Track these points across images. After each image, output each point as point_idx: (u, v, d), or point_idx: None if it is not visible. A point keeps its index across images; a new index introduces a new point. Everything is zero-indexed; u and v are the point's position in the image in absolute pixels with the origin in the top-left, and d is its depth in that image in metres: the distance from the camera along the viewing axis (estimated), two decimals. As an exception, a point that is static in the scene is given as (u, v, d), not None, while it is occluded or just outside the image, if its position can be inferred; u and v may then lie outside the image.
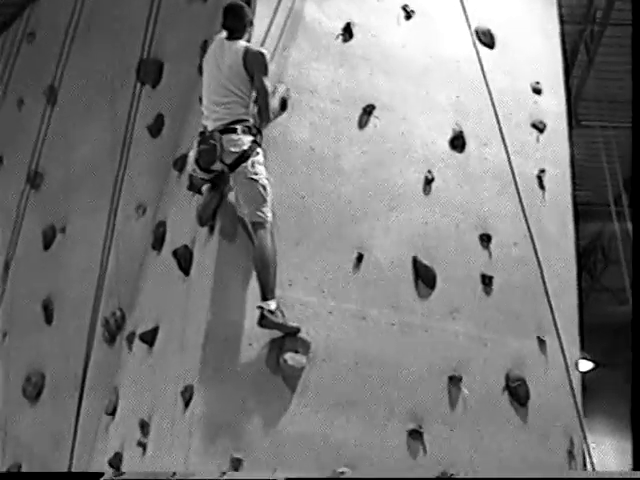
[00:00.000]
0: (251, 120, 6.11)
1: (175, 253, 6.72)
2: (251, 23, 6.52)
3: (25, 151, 9.97)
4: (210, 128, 6.07)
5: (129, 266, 7.54)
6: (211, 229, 6.27)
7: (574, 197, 8.16)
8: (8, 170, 10.75)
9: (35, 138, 9.85)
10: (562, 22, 9.05)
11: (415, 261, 6.80)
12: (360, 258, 6.54)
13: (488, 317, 7.01)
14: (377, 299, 6.53)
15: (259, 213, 5.91)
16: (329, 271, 6.40)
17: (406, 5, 7.65)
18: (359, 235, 6.63)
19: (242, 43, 6.23)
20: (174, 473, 5.48)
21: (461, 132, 7.43)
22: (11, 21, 13.00)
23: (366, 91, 7.11)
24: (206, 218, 6.25)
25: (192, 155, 6.21)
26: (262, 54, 6.19)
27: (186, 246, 6.64)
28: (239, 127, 5.99)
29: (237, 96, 6.09)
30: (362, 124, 6.98)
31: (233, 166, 5.96)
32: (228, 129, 5.98)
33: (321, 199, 6.56)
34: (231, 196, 6.23)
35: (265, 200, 5.94)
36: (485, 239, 7.23)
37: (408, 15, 7.64)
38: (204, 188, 6.25)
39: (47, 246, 8.99)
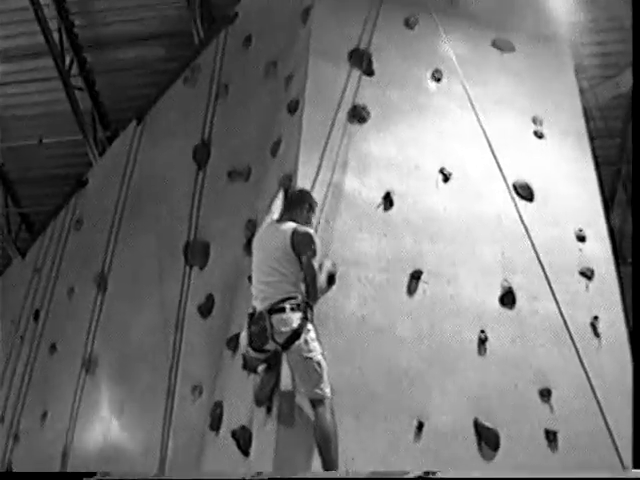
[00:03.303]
0: (300, 297, 6.06)
1: (234, 434, 6.65)
2: (312, 209, 6.61)
3: (78, 338, 10.07)
4: (259, 308, 6.05)
5: (188, 448, 7.47)
6: (268, 410, 6.22)
7: (631, 338, 8.04)
8: (62, 357, 10.84)
9: (88, 324, 9.97)
10: (597, 165, 9.11)
11: (476, 423, 6.70)
12: (420, 426, 6.44)
13: (555, 474, 6.82)
14: (440, 466, 6.36)
15: (317, 390, 5.84)
16: (390, 442, 6.31)
17: (443, 168, 7.82)
18: (418, 402, 6.55)
19: (291, 224, 6.30)
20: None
21: (510, 288, 7.44)
22: (58, 210, 13.40)
23: (412, 257, 7.18)
24: (263, 399, 6.21)
25: (244, 336, 6.20)
26: (310, 235, 6.21)
27: (244, 427, 6.57)
28: (287, 305, 5.94)
29: (284, 275, 6.08)
30: (411, 290, 7.01)
31: (286, 345, 5.91)
32: (276, 309, 5.95)
33: (377, 369, 6.52)
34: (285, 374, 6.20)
35: (322, 376, 5.87)
36: (545, 394, 7.13)
37: (446, 178, 7.79)
38: (260, 368, 6.23)
39: (105, 432, 8.95)
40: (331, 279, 6.61)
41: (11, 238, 15.55)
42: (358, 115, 7.73)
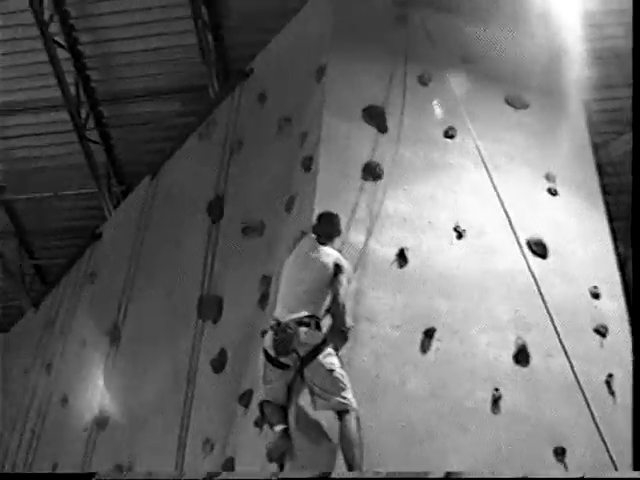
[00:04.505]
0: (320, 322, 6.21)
1: (246, 490, 6.62)
2: (339, 232, 6.92)
3: (90, 392, 10.04)
4: (284, 319, 6.10)
5: (199, 505, 7.41)
6: (281, 468, 6.17)
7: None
8: (74, 410, 10.81)
9: (99, 378, 9.94)
10: (611, 221, 9.10)
11: (491, 482, 6.62)
12: (434, 483, 6.38)
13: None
14: (456, 524, 6.33)
15: (343, 400, 5.84)
16: (404, 501, 6.24)
17: (457, 225, 7.83)
18: (431, 460, 6.45)
19: (334, 253, 6.60)
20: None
21: (524, 345, 7.39)
22: (72, 262, 13.43)
23: (426, 314, 7.15)
24: (276, 457, 6.16)
25: (266, 346, 6.16)
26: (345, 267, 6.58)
27: (256, 484, 6.54)
28: (312, 322, 6.07)
29: (315, 296, 6.25)
30: (425, 348, 6.97)
31: (306, 359, 5.97)
32: (303, 322, 6.04)
33: (390, 427, 6.45)
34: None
35: (346, 386, 5.90)
36: (560, 452, 7.04)
37: (460, 235, 7.79)
38: (277, 428, 6.14)
39: (116, 487, 8.91)
40: (345, 336, 6.61)
41: (25, 289, 15.61)
42: (372, 172, 7.77)
